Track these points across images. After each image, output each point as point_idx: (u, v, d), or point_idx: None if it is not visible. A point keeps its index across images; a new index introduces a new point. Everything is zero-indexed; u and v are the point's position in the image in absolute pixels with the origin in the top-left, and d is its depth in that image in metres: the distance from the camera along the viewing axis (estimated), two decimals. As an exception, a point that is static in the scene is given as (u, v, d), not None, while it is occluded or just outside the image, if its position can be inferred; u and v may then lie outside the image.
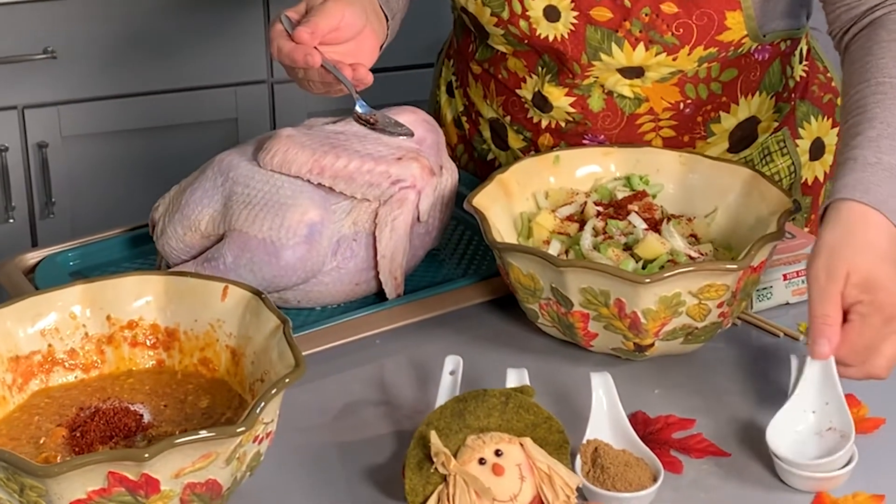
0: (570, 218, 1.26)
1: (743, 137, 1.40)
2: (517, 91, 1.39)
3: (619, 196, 1.28)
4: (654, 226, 1.23)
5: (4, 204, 2.15)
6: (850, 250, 1.05)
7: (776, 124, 1.41)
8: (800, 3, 1.37)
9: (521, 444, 0.97)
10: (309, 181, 1.25)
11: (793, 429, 1.08)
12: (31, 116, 2.14)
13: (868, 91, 1.14)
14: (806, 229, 1.46)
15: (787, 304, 1.28)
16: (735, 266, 1.12)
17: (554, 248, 1.22)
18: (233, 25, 2.18)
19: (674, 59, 1.30)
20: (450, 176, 1.32)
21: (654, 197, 1.28)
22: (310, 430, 1.14)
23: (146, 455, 0.92)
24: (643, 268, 1.18)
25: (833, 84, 1.47)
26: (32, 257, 1.36)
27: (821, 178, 1.46)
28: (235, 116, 2.22)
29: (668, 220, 1.24)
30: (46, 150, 2.15)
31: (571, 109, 1.36)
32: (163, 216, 1.31)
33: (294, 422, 1.12)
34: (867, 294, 1.04)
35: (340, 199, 1.26)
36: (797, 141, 1.43)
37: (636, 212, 1.24)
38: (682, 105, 1.35)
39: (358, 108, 1.25)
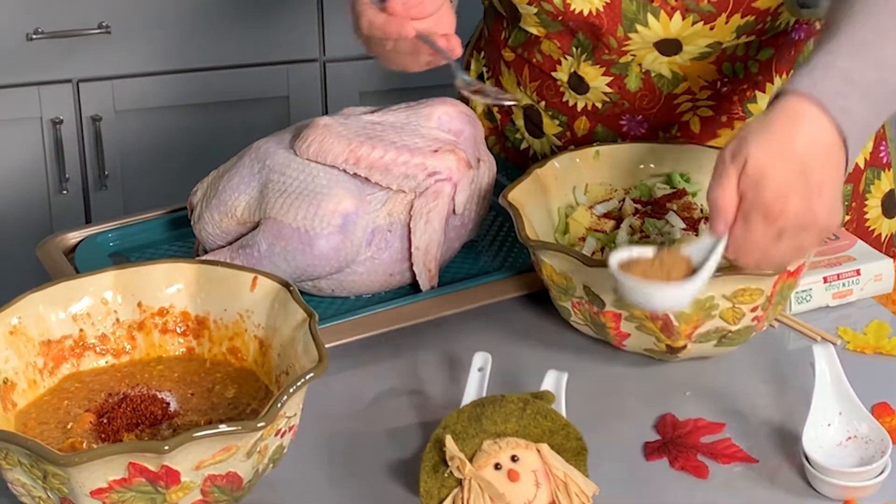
0: (607, 215, 1.24)
1: None
2: (553, 74, 1.37)
3: (658, 194, 1.26)
4: (693, 225, 1.21)
5: (59, 176, 2.18)
6: (757, 139, 1.02)
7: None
8: None
9: (538, 451, 0.96)
10: (345, 171, 1.25)
11: (824, 435, 1.06)
12: (86, 90, 2.16)
13: (844, 7, 1.09)
14: (847, 217, 1.43)
15: (828, 306, 1.25)
16: (770, 271, 1.09)
17: (589, 246, 1.21)
18: (286, 3, 2.18)
19: (711, 29, 1.27)
20: (487, 169, 1.31)
21: (693, 195, 1.26)
22: (339, 418, 1.14)
23: (166, 447, 0.93)
24: (678, 269, 1.16)
25: None
26: (73, 237, 1.37)
27: (861, 166, 1.43)
28: (287, 95, 2.22)
29: (707, 220, 1.22)
30: (100, 123, 2.17)
31: (608, 89, 1.34)
32: (200, 201, 1.31)
33: (324, 410, 1.12)
34: (753, 189, 1.02)
35: (376, 190, 1.26)
36: None
37: (674, 211, 1.22)
38: (719, 84, 1.33)
39: (462, 76, 1.22)
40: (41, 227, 2.19)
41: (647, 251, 1.06)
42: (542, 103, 1.40)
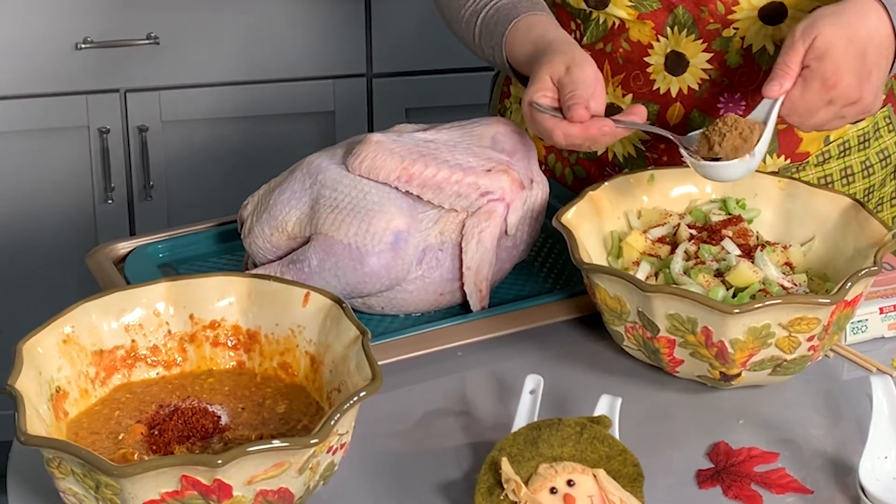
0: (661, 240, 1.23)
1: None
2: (645, 59, 1.35)
3: (714, 220, 1.24)
4: (749, 252, 1.20)
5: (104, 185, 2.19)
6: (829, 21, 1.19)
7: (883, 97, 1.39)
8: None
9: (594, 476, 0.95)
10: (397, 188, 1.25)
11: (881, 467, 1.05)
12: (133, 100, 2.17)
13: None
14: None
15: (883, 337, 1.24)
16: (828, 300, 1.08)
17: (643, 271, 1.20)
18: (334, 18, 2.19)
19: None
20: (540, 190, 1.30)
21: (749, 222, 1.25)
22: (387, 437, 1.13)
23: (219, 461, 0.92)
24: (734, 296, 1.16)
25: None
26: (123, 247, 1.38)
27: None
28: (333, 109, 2.22)
29: (763, 247, 1.21)
30: (146, 133, 2.18)
31: (708, 66, 1.33)
32: (251, 215, 1.31)
33: (372, 428, 1.12)
34: (816, 61, 1.18)
35: (428, 208, 1.25)
36: None
37: (730, 237, 1.21)
38: None
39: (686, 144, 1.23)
40: (85, 235, 2.20)
41: None
42: (629, 96, 1.38)
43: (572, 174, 1.48)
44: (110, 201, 2.19)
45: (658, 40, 1.34)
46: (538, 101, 1.23)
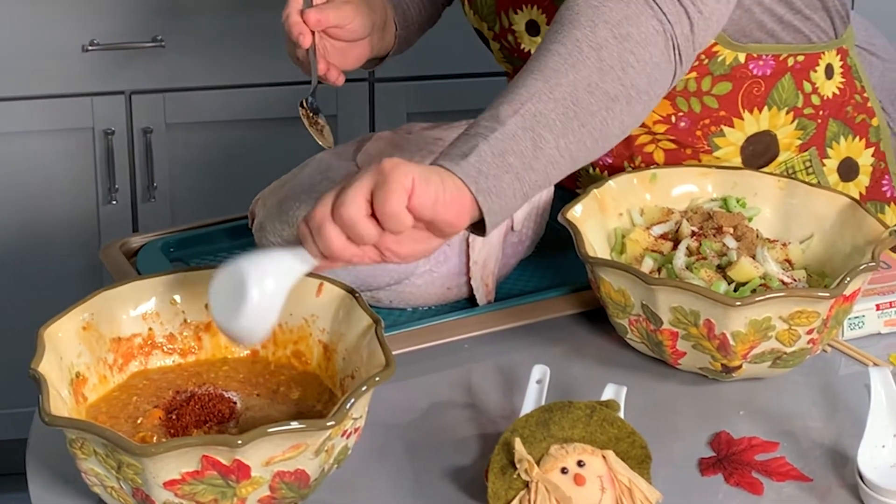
0: (664, 236, 1.26)
1: (757, 153, 1.38)
2: None
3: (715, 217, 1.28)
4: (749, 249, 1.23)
5: (108, 186, 2.21)
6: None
7: (800, 142, 1.38)
8: (804, 18, 1.33)
9: (604, 457, 0.98)
10: (407, 184, 1.27)
11: (879, 456, 1.08)
12: (138, 102, 2.19)
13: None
14: None
15: (879, 333, 1.27)
16: (827, 294, 1.12)
17: (646, 266, 1.23)
18: (338, 24, 2.21)
19: None
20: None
21: (749, 220, 1.28)
22: (395, 427, 1.16)
23: (239, 441, 0.95)
24: (735, 290, 1.19)
25: (869, 104, 1.43)
26: (135, 242, 1.40)
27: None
28: (335, 113, 2.25)
29: (762, 243, 1.24)
30: (151, 135, 2.20)
31: None
32: (262, 210, 1.34)
33: (380, 418, 1.14)
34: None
35: (437, 204, 1.28)
36: (824, 161, 1.40)
37: (731, 234, 1.24)
38: (674, 118, 1.35)
39: (308, 98, 1.34)
40: (89, 235, 2.22)
41: None
42: None
43: None
44: (114, 202, 2.22)
45: None
46: None
